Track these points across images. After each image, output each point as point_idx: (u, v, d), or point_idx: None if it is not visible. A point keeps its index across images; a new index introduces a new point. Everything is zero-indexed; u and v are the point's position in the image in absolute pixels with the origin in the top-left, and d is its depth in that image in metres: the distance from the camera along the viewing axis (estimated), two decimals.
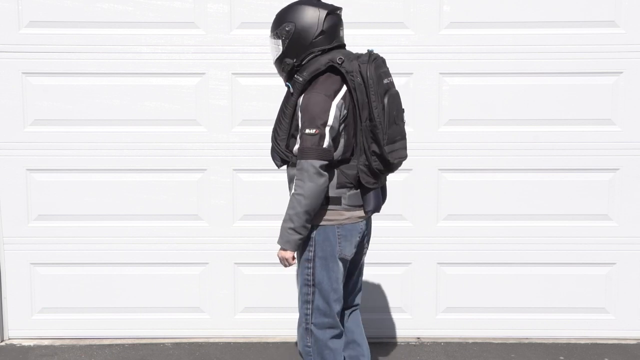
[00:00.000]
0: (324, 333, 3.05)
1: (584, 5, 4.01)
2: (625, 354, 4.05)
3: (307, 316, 3.06)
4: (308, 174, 2.86)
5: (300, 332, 3.10)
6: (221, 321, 4.24)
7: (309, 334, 3.07)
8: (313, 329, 3.05)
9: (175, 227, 4.17)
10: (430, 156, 4.10)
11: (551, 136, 4.08)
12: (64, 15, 4.01)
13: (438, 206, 4.14)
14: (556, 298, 4.21)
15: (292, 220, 2.91)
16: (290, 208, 2.92)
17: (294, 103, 2.97)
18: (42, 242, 4.17)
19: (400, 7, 4.02)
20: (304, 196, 2.87)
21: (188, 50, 4.04)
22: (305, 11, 2.96)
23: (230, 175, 4.13)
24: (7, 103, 4.06)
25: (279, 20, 3.02)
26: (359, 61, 2.91)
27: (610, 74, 4.05)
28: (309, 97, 2.90)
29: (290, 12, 2.99)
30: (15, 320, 4.23)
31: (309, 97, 2.90)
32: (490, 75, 4.05)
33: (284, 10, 3.03)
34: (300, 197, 2.88)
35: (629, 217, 4.15)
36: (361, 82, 2.88)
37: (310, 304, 3.04)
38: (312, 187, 2.86)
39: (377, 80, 2.89)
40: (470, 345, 4.16)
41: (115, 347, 4.14)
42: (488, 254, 4.18)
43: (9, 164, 4.11)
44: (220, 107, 4.08)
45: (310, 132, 2.86)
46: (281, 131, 3.02)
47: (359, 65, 2.89)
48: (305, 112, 2.89)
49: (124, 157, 4.10)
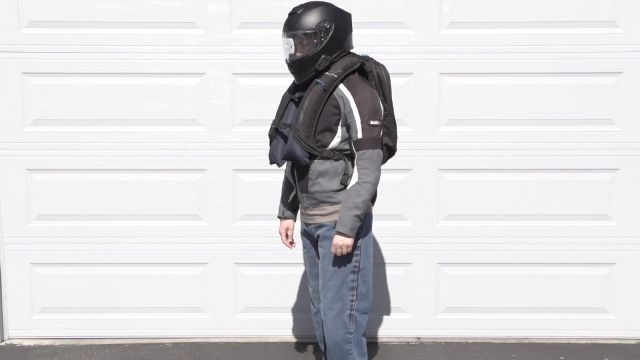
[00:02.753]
0: (364, 318, 3.20)
1: (584, 5, 4.01)
2: (625, 354, 4.05)
3: (353, 302, 3.15)
4: (376, 163, 3.06)
5: (341, 320, 3.14)
6: (221, 321, 4.24)
7: (353, 320, 3.15)
8: (356, 315, 3.16)
9: (175, 227, 4.17)
10: (430, 156, 4.10)
11: (551, 136, 4.08)
12: (63, 15, 4.01)
13: (438, 206, 4.14)
14: (556, 298, 4.21)
15: (359, 208, 3.04)
16: (357, 196, 3.04)
17: (325, 98, 3.06)
18: (42, 242, 4.17)
19: (400, 7, 4.02)
20: (371, 183, 3.05)
21: (188, 50, 4.04)
22: (340, 12, 3.12)
23: (230, 175, 4.13)
24: (7, 103, 4.06)
25: (315, 18, 3.07)
26: (371, 62, 3.16)
27: (610, 74, 4.05)
28: (366, 92, 3.07)
29: (327, 12, 3.09)
30: (15, 320, 4.23)
31: (367, 91, 3.07)
32: (490, 75, 4.05)
33: (318, 8, 3.09)
34: (368, 184, 3.04)
35: (629, 217, 4.15)
36: (379, 81, 3.16)
37: (356, 290, 3.14)
38: (378, 175, 3.07)
39: (387, 80, 3.18)
40: (470, 345, 4.16)
41: (115, 347, 4.14)
42: (488, 254, 4.18)
43: (9, 164, 4.11)
44: (220, 107, 4.08)
45: (375, 124, 3.06)
46: (304, 128, 3.07)
47: (374, 66, 3.16)
48: (366, 105, 3.06)
49: (124, 157, 4.10)
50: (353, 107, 3.05)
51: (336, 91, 3.08)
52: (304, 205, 3.23)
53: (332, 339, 3.16)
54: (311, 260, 3.31)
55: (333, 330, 3.15)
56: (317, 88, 3.06)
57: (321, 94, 3.06)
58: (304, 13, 3.08)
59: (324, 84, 3.05)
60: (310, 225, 3.23)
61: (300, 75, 3.12)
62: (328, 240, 3.13)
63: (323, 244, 3.16)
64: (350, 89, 3.08)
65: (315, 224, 3.19)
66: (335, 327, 3.15)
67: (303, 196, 3.20)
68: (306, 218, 3.24)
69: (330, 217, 3.14)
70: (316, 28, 3.05)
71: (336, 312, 3.14)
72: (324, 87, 3.05)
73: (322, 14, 3.07)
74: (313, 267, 3.31)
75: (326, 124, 3.08)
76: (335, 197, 3.14)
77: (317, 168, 3.11)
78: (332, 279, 3.14)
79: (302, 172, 3.18)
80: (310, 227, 3.23)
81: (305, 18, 3.07)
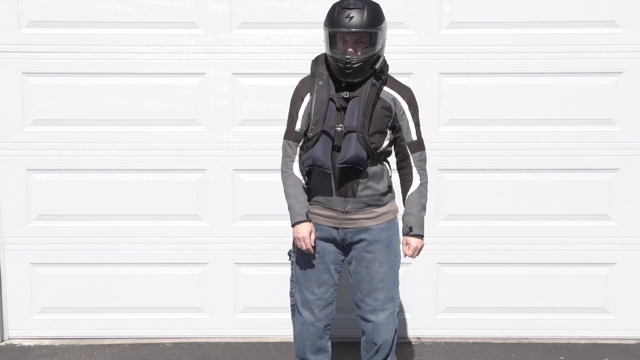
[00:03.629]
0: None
1: (584, 5, 4.01)
2: (625, 354, 4.05)
3: (399, 300, 3.30)
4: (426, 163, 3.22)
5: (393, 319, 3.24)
6: (221, 321, 4.24)
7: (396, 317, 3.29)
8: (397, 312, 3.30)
9: (175, 227, 4.17)
10: (430, 156, 4.06)
11: (551, 136, 4.08)
12: (63, 15, 4.01)
13: (438, 206, 4.14)
14: (556, 298, 4.21)
15: (425, 208, 3.22)
16: (423, 197, 3.20)
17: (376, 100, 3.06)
18: (42, 242, 4.17)
19: (400, 7, 4.02)
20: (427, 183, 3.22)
21: (188, 50, 4.04)
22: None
23: (230, 175, 4.13)
24: (7, 103, 4.06)
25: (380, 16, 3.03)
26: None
27: (610, 74, 4.05)
28: (412, 92, 3.17)
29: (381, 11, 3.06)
30: (15, 320, 4.23)
31: (411, 92, 3.17)
32: (490, 75, 4.05)
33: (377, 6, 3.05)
34: (427, 184, 3.22)
35: (629, 217, 4.15)
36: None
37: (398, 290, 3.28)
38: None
39: None
40: (470, 345, 4.16)
41: (115, 347, 4.14)
42: (488, 254, 4.18)
43: (9, 164, 4.11)
44: (220, 107, 4.08)
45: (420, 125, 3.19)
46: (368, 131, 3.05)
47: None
48: (416, 106, 3.17)
49: (124, 157, 4.10)
50: (405, 108, 3.08)
51: (383, 93, 3.06)
52: (342, 209, 3.12)
53: (384, 338, 3.21)
54: (324, 266, 3.20)
55: (386, 330, 3.21)
56: (374, 89, 3.03)
57: (376, 96, 3.04)
58: (368, 9, 2.98)
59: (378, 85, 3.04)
60: (346, 229, 3.15)
61: (358, 75, 3.01)
62: (379, 243, 3.14)
63: (371, 247, 3.14)
64: (397, 90, 3.09)
65: (356, 228, 3.14)
66: (388, 327, 3.21)
67: (344, 200, 3.11)
68: (341, 222, 3.14)
69: (377, 220, 3.14)
70: (379, 30, 3.00)
71: (389, 312, 3.21)
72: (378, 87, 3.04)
73: (381, 13, 3.04)
74: (324, 273, 3.20)
75: (379, 126, 3.06)
76: (383, 199, 3.16)
77: (370, 171, 3.09)
78: (383, 280, 3.17)
79: (347, 176, 3.09)
80: (344, 232, 3.15)
81: (373, 15, 2.98)
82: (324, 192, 3.14)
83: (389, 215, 3.20)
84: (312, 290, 3.23)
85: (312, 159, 3.06)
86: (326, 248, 3.19)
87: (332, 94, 3.06)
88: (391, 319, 3.22)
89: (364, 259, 3.16)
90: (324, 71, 3.09)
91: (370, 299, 3.19)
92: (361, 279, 3.19)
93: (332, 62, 3.04)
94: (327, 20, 3.04)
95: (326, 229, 3.16)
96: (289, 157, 3.17)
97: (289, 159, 3.17)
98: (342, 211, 3.12)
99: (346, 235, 3.16)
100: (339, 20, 2.98)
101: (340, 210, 3.12)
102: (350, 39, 2.99)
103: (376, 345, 3.23)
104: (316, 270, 3.20)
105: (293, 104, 3.18)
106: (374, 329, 3.21)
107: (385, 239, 3.16)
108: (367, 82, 3.04)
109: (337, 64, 3.00)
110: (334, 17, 3.00)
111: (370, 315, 3.20)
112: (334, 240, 3.18)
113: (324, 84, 3.07)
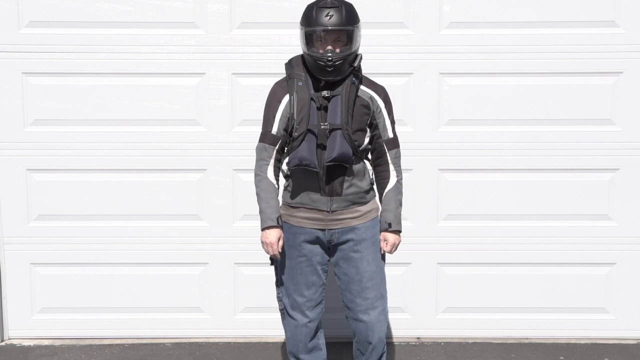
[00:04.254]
0: None
1: (584, 5, 4.01)
2: (625, 354, 4.05)
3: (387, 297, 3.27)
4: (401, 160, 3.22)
5: (384, 316, 3.22)
6: (221, 321, 4.24)
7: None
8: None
9: (175, 227, 4.17)
10: (430, 156, 4.10)
11: (551, 136, 4.08)
12: (63, 15, 4.01)
13: (438, 206, 4.14)
14: (556, 298, 4.21)
15: (401, 205, 3.21)
16: (400, 193, 3.20)
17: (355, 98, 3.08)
18: (42, 242, 4.17)
19: (400, 7, 4.02)
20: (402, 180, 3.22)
21: (188, 50, 4.04)
22: None
23: (230, 175, 4.13)
24: (7, 103, 4.06)
25: (356, 15, 3.04)
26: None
27: (610, 74, 4.05)
28: (386, 90, 3.18)
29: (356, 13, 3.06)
30: (15, 320, 4.23)
31: (385, 90, 3.18)
32: (490, 75, 4.05)
33: (352, 6, 3.06)
34: (402, 181, 3.22)
35: (629, 217, 4.15)
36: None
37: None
38: None
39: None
40: (470, 345, 4.16)
41: (115, 347, 4.14)
42: (488, 254, 4.18)
43: (9, 164, 4.11)
44: (220, 107, 4.08)
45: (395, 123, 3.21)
46: (352, 129, 3.05)
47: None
48: (390, 104, 3.19)
49: (124, 157, 4.10)
50: (382, 106, 3.10)
51: (360, 91, 3.08)
52: (328, 209, 3.09)
53: (377, 336, 3.20)
54: (312, 268, 3.18)
55: (379, 327, 3.20)
56: (353, 87, 3.04)
57: (355, 94, 3.05)
58: (345, 8, 2.99)
59: (357, 83, 3.05)
60: (333, 230, 3.13)
61: (338, 73, 3.00)
62: (365, 241, 3.13)
63: (359, 247, 3.12)
64: (372, 88, 3.11)
65: (343, 228, 3.13)
66: (380, 324, 3.20)
67: (330, 200, 3.09)
68: (328, 224, 3.12)
69: (362, 219, 3.14)
70: (356, 29, 3.01)
71: (380, 309, 3.19)
72: (357, 86, 3.05)
73: (356, 12, 3.05)
74: (312, 275, 3.19)
75: (360, 124, 3.07)
76: (367, 197, 3.16)
77: (355, 168, 3.10)
78: (372, 278, 3.15)
79: (334, 174, 3.07)
80: (330, 233, 3.14)
81: (350, 14, 2.99)
82: (308, 192, 3.11)
83: (372, 213, 3.20)
84: (301, 293, 3.21)
85: (299, 158, 3.04)
86: (313, 250, 3.16)
87: (311, 94, 3.06)
88: (382, 316, 3.20)
89: (351, 259, 3.15)
90: (302, 72, 3.08)
91: (361, 298, 3.17)
92: (350, 280, 3.17)
93: (311, 62, 3.03)
94: (305, 19, 3.02)
95: (312, 231, 3.14)
96: (263, 161, 3.14)
97: (264, 162, 3.14)
98: (328, 211, 3.10)
99: (332, 237, 3.14)
100: (318, 19, 2.97)
101: (326, 210, 3.10)
102: (329, 38, 2.98)
103: (371, 345, 3.21)
104: (303, 273, 3.18)
105: (268, 106, 3.15)
106: (367, 328, 3.18)
107: (370, 237, 3.15)
108: (347, 81, 3.05)
109: (318, 63, 2.99)
110: (312, 17, 2.99)
111: (362, 314, 3.18)
112: (319, 242, 3.16)
113: (304, 84, 3.07)
